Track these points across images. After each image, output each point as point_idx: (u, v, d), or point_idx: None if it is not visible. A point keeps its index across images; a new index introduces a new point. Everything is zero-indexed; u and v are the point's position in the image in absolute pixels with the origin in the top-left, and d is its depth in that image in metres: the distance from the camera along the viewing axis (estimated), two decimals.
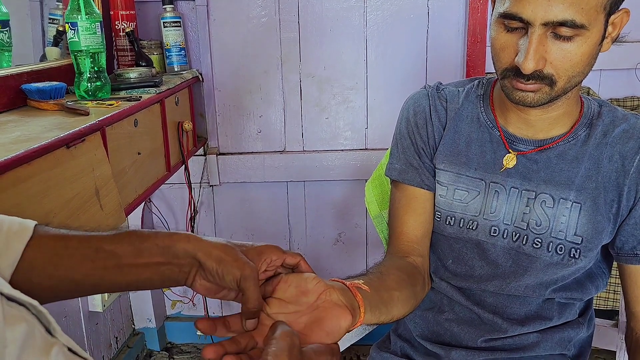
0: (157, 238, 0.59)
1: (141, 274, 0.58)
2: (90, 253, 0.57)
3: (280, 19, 1.84)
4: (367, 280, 0.79)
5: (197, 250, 0.59)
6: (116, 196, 1.12)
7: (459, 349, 0.98)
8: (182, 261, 0.59)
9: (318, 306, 0.67)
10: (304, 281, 0.67)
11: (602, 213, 0.89)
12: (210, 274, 0.60)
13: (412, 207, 0.99)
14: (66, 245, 0.57)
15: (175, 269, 0.59)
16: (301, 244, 2.07)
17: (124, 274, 0.58)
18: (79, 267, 0.56)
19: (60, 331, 0.48)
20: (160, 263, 0.58)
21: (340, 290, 0.70)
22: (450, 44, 1.84)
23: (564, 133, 0.91)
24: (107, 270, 0.57)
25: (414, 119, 1.00)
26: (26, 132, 0.97)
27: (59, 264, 0.56)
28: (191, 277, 0.61)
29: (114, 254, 0.57)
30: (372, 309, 0.76)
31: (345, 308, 0.68)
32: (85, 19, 1.25)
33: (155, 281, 0.59)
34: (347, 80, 1.89)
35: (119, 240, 0.58)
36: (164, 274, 0.59)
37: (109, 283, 0.58)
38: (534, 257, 0.92)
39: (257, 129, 1.95)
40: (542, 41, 0.77)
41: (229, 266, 0.59)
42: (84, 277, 0.57)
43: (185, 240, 0.59)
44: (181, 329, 2.16)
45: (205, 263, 0.59)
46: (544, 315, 0.96)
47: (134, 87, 1.42)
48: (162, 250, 0.58)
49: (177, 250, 0.59)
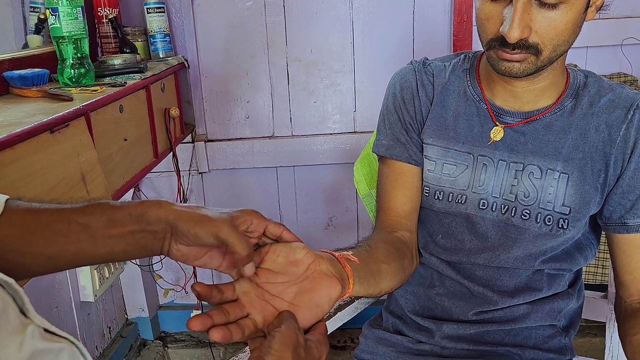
0: (129, 207, 0.58)
1: (115, 245, 0.57)
2: (63, 227, 0.55)
3: (265, 2, 1.82)
4: (356, 252, 0.79)
5: (168, 214, 0.58)
6: (103, 182, 1.11)
7: (451, 323, 0.98)
8: (155, 227, 0.58)
9: (307, 276, 0.66)
10: (293, 251, 0.66)
11: (590, 183, 0.89)
12: (185, 236, 0.58)
13: (399, 182, 0.99)
14: (38, 219, 0.55)
15: (149, 236, 0.58)
16: (292, 229, 2.01)
17: (98, 245, 0.56)
18: (52, 242, 0.55)
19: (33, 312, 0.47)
20: (134, 231, 0.57)
21: (329, 260, 0.69)
22: (437, 24, 1.84)
23: (550, 104, 0.91)
24: (81, 243, 0.56)
25: (401, 94, 1.00)
26: (8, 118, 0.96)
27: (31, 240, 0.54)
28: (167, 244, 0.59)
29: (86, 226, 0.56)
30: (361, 280, 0.76)
31: (335, 278, 0.68)
32: (66, 3, 1.23)
33: (130, 252, 0.58)
34: (334, 63, 1.88)
35: (91, 212, 0.57)
36: (139, 242, 0.58)
37: (83, 256, 0.57)
38: (522, 229, 0.92)
39: (245, 115, 1.94)
40: (526, 9, 0.77)
41: (203, 224, 0.58)
42: (58, 252, 0.56)
43: (157, 206, 0.58)
44: (174, 317, 2.16)
45: (178, 225, 0.58)
46: (533, 286, 0.97)
47: (118, 74, 1.41)
48: (135, 219, 0.57)
49: (150, 217, 0.57)
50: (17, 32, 1.59)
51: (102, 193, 1.09)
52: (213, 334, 0.58)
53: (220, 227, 0.58)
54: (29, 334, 0.45)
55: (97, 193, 1.07)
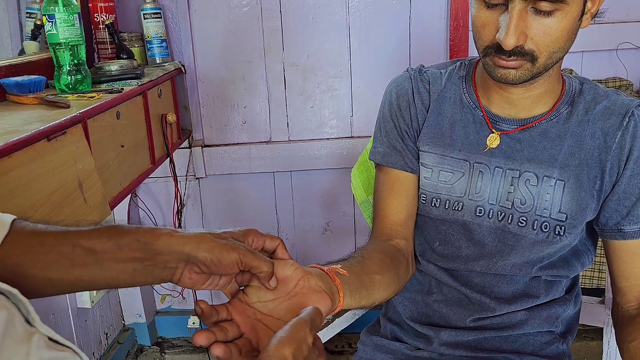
0: (137, 233, 0.56)
1: (122, 271, 0.56)
2: (68, 250, 0.54)
3: (262, 7, 1.82)
4: (347, 265, 0.80)
5: (183, 245, 0.57)
6: (100, 189, 1.10)
7: (449, 330, 0.98)
8: (166, 257, 0.57)
9: (297, 293, 0.67)
10: (282, 268, 0.66)
11: (586, 189, 0.90)
12: (205, 265, 0.58)
13: (395, 190, 0.99)
14: (42, 242, 0.54)
15: (159, 265, 0.57)
16: (289, 234, 2.07)
17: (104, 270, 0.55)
18: (55, 265, 0.54)
19: (39, 321, 0.47)
20: (142, 259, 0.56)
21: (318, 275, 0.70)
22: (433, 29, 1.84)
23: (546, 111, 0.92)
24: (86, 268, 0.54)
25: (397, 101, 1.00)
26: (6, 126, 0.96)
27: (35, 262, 0.53)
28: (178, 273, 0.58)
29: (92, 250, 0.54)
30: (352, 292, 0.77)
31: (324, 293, 0.68)
32: (62, 10, 1.23)
33: (137, 278, 0.57)
34: (330, 69, 1.88)
35: (98, 236, 0.55)
36: (146, 270, 0.56)
37: (87, 281, 0.56)
38: (519, 236, 0.93)
39: (241, 120, 1.94)
40: (522, 16, 0.77)
41: (222, 251, 0.58)
42: (61, 276, 0.54)
43: (168, 236, 0.57)
44: (172, 323, 2.16)
45: (197, 256, 0.57)
46: (531, 293, 0.97)
47: (115, 80, 1.41)
48: (143, 246, 0.56)
49: (159, 246, 0.56)
50: (13, 37, 1.59)
51: (99, 201, 1.09)
52: (215, 349, 0.59)
53: (243, 255, 0.59)
54: (35, 343, 0.45)
55: (94, 201, 1.07)
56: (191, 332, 2.16)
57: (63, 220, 0.59)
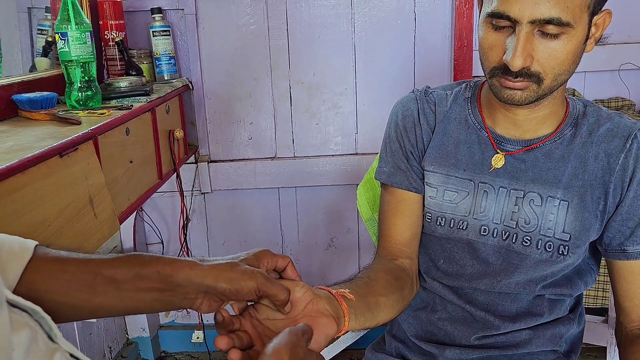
0: (158, 264, 0.58)
1: (142, 300, 0.57)
2: (89, 278, 0.56)
3: (269, 26, 1.85)
4: (354, 288, 0.82)
5: (203, 278, 0.59)
6: (110, 204, 1.12)
7: (453, 348, 0.99)
8: (186, 289, 0.59)
9: (305, 315, 0.69)
10: (292, 290, 0.68)
11: (589, 210, 0.91)
12: (224, 295, 0.60)
13: (400, 210, 1.01)
14: (64, 269, 0.55)
15: (179, 295, 0.59)
16: (294, 249, 2.08)
17: (124, 299, 0.57)
18: (76, 293, 0.55)
19: (61, 337, 0.49)
20: (163, 289, 0.58)
21: (326, 299, 0.72)
22: (437, 48, 1.87)
23: (550, 133, 0.93)
24: (106, 296, 0.56)
25: (403, 122, 1.02)
26: (19, 142, 0.98)
27: (56, 289, 0.54)
28: (198, 302, 0.60)
29: (113, 279, 0.56)
30: (357, 316, 0.79)
31: (331, 317, 0.71)
32: (75, 29, 1.25)
33: (156, 307, 0.59)
34: (336, 86, 1.91)
35: (119, 265, 0.57)
36: (167, 299, 0.58)
37: (108, 308, 0.57)
38: (523, 255, 0.94)
39: (247, 136, 1.96)
40: (529, 39, 0.79)
41: (241, 281, 0.60)
42: (83, 303, 0.56)
43: (188, 268, 0.59)
44: (175, 337, 2.16)
45: (216, 287, 0.59)
46: (534, 311, 0.98)
47: (124, 96, 1.43)
48: (164, 278, 0.58)
49: (180, 279, 0.58)
50: (24, 53, 1.62)
51: (109, 216, 1.11)
52: (233, 354, 0.61)
53: (261, 284, 0.61)
54: None
55: (104, 216, 1.08)
56: (195, 347, 2.16)
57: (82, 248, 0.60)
